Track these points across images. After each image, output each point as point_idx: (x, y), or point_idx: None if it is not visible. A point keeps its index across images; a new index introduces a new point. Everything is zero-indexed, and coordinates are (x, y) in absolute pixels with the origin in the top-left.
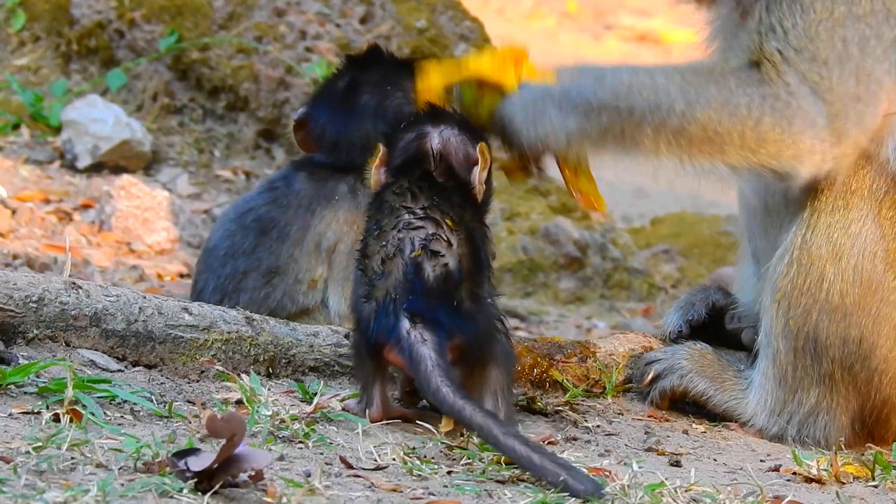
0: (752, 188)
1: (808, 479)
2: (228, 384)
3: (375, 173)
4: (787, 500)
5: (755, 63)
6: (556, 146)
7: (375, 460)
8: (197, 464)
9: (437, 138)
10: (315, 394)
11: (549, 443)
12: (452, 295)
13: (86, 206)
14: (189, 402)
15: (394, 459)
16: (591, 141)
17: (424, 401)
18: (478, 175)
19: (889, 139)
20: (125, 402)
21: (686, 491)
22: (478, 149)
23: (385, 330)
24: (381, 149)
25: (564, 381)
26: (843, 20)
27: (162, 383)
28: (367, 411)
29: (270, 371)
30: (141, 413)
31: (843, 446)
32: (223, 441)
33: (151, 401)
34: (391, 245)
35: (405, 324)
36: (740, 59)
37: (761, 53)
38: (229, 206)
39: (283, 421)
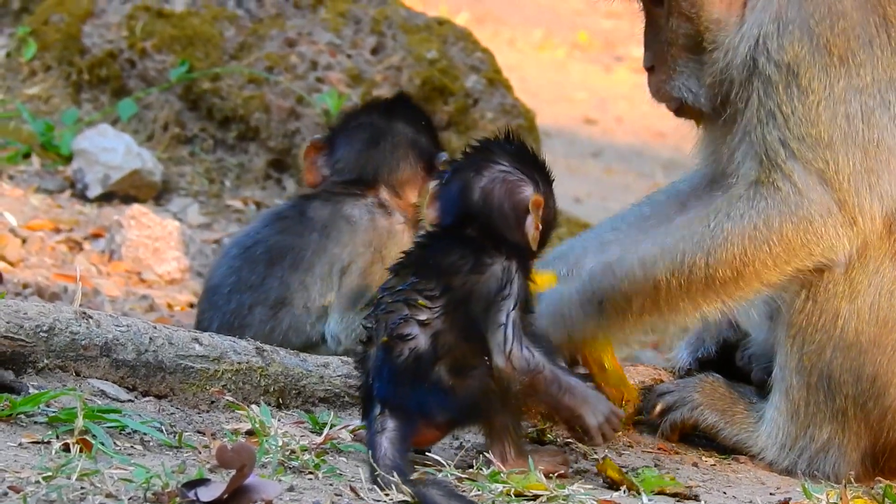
0: None
1: None
2: (239, 414)
3: (429, 212)
4: None
5: (758, 167)
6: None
7: (386, 492)
8: (207, 494)
9: (479, 191)
10: (325, 424)
11: (559, 475)
12: (425, 376)
13: (96, 236)
14: (199, 432)
15: (403, 491)
16: (630, 325)
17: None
18: (531, 227)
19: None
20: (135, 432)
21: None
22: (532, 201)
23: (364, 413)
24: (434, 188)
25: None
26: (843, 95)
27: (172, 413)
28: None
29: (281, 402)
30: (151, 443)
31: (852, 480)
32: (233, 472)
33: (161, 431)
34: (373, 325)
35: (375, 409)
36: (742, 174)
37: (764, 152)
38: (230, 243)
39: (293, 452)
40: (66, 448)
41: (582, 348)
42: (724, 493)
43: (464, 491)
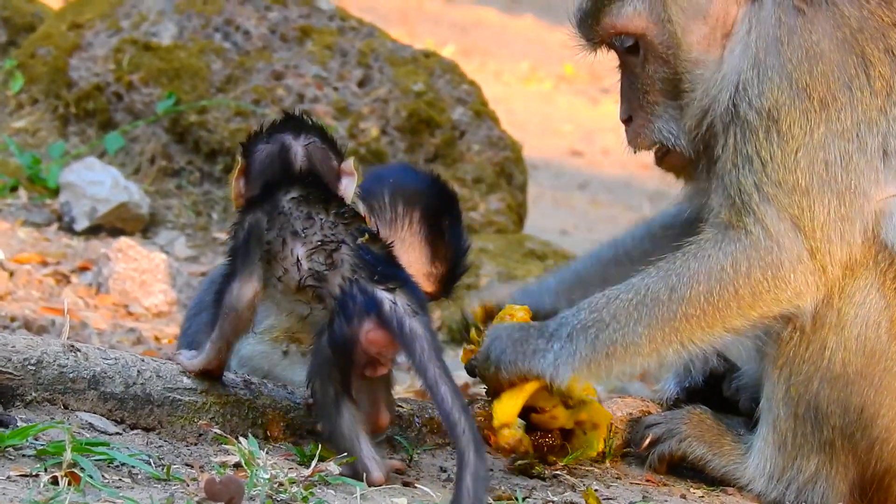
0: None
1: None
2: (227, 447)
3: (237, 185)
4: None
5: (730, 210)
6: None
7: None
8: None
9: (302, 151)
10: (313, 457)
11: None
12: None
13: (83, 269)
14: (187, 465)
15: None
16: (581, 359)
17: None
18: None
19: (889, 221)
20: (123, 464)
21: None
22: (350, 164)
23: (361, 308)
24: (241, 161)
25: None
26: (823, 141)
27: (160, 446)
28: (366, 476)
29: (268, 434)
30: (139, 476)
31: None
32: None
33: (150, 464)
34: (329, 240)
35: (384, 294)
36: (714, 219)
37: (738, 195)
38: (214, 273)
39: (281, 484)
40: (55, 481)
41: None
42: None
43: None
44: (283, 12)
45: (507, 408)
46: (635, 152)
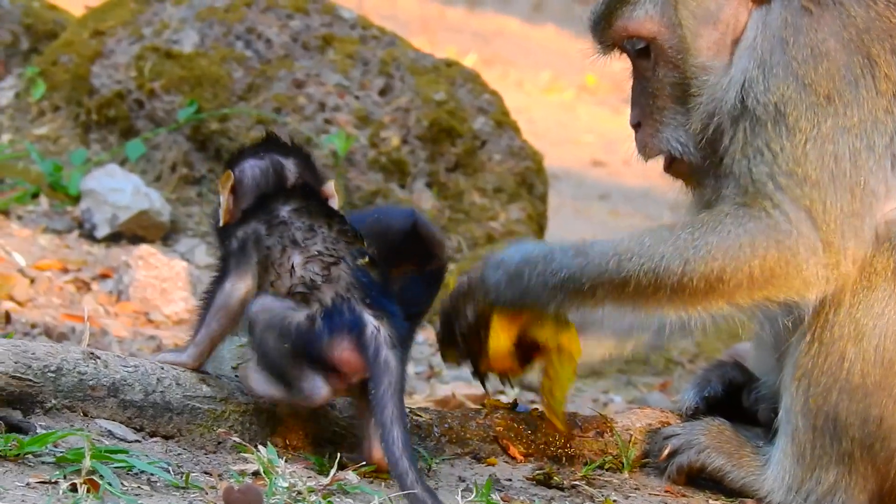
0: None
1: None
2: (245, 455)
3: (227, 199)
4: None
5: (748, 195)
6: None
7: None
8: None
9: (294, 168)
10: (332, 465)
11: None
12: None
13: (104, 276)
14: (206, 473)
15: None
16: (587, 308)
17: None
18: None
19: None
20: (142, 472)
21: None
22: (332, 187)
23: (346, 325)
24: (230, 175)
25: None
26: (831, 135)
27: (179, 454)
28: (312, 394)
29: (287, 443)
30: (158, 484)
31: None
32: None
33: (169, 472)
34: (329, 254)
35: (370, 318)
36: (732, 199)
37: (752, 183)
38: None
39: (299, 493)
40: (74, 488)
41: (535, 322)
42: None
43: None
44: (305, 21)
45: (501, 341)
46: (645, 161)
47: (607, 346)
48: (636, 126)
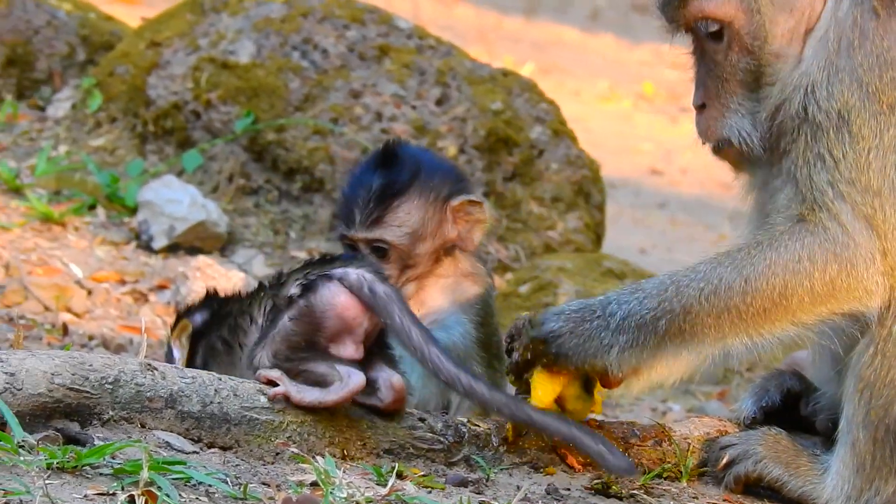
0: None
1: None
2: (303, 466)
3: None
4: None
5: (801, 205)
6: (607, 363)
7: None
8: None
9: None
10: (390, 476)
11: None
12: None
13: (161, 287)
14: (264, 484)
15: None
16: (648, 350)
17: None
18: None
19: None
20: (200, 483)
21: None
22: None
23: (327, 277)
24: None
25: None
26: (893, 145)
27: (237, 465)
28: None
29: (345, 453)
30: (216, 495)
31: None
32: None
33: (226, 483)
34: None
35: (347, 268)
36: (787, 212)
37: (810, 192)
38: None
39: (357, 503)
40: (132, 500)
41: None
42: None
43: None
44: (362, 31)
45: (547, 395)
46: (703, 143)
47: (675, 378)
48: (700, 107)
